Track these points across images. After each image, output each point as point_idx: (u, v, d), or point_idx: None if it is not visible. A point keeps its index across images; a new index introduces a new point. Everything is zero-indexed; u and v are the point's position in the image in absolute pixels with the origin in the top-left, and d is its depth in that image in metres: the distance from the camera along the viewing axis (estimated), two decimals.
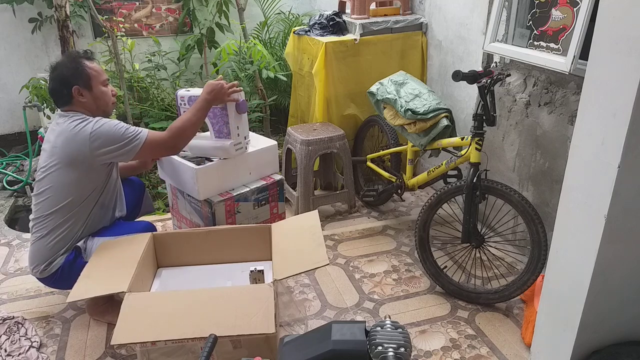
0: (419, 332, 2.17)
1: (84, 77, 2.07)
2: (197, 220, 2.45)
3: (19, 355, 2.03)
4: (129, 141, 2.02)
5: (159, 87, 3.90)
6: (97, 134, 1.99)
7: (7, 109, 4.22)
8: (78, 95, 2.08)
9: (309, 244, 2.02)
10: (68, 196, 2.06)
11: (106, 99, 2.15)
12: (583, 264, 1.52)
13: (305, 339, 1.02)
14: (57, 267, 2.10)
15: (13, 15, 3.95)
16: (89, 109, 2.11)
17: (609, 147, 1.37)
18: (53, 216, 2.07)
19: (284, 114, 4.11)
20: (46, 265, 2.09)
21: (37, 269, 2.11)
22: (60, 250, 2.10)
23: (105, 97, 2.15)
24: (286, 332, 2.16)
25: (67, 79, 2.06)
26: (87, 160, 2.02)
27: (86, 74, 2.08)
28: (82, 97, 2.08)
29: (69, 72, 2.07)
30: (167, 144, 2.10)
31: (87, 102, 2.10)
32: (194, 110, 2.16)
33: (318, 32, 3.21)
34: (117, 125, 2.03)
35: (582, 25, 1.98)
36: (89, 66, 2.10)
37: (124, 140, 2.02)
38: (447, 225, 2.71)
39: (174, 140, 2.11)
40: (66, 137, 2.02)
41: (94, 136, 1.99)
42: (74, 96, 2.07)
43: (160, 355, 1.76)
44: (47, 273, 2.11)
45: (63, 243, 2.10)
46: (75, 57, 2.12)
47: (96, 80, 2.10)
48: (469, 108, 2.88)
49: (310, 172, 2.98)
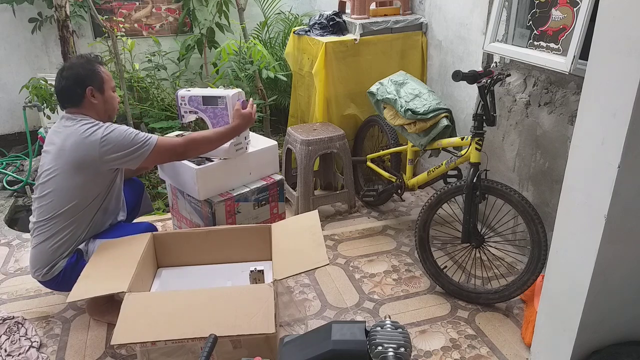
0: (419, 332, 2.17)
1: (98, 79, 2.10)
2: (197, 220, 2.46)
3: (19, 355, 2.03)
4: (139, 147, 2.03)
5: (159, 87, 3.90)
6: (108, 139, 2.00)
7: (7, 109, 4.22)
8: (91, 96, 2.08)
9: (309, 244, 2.02)
10: (72, 200, 2.05)
11: (114, 104, 2.20)
12: (583, 264, 1.52)
13: (305, 339, 1.02)
14: (59, 270, 2.09)
15: (13, 15, 3.95)
16: (98, 111, 2.12)
17: (609, 147, 1.37)
18: (56, 220, 2.07)
19: (284, 114, 4.11)
20: (48, 269, 2.09)
21: (39, 272, 2.11)
22: (62, 254, 2.10)
23: (114, 102, 2.19)
24: (286, 332, 2.16)
25: (82, 78, 2.07)
26: (95, 165, 2.02)
27: (101, 77, 2.11)
28: (94, 98, 2.09)
29: (85, 72, 2.08)
30: (177, 150, 2.11)
31: (97, 104, 2.11)
32: (221, 133, 2.22)
33: (318, 32, 3.21)
34: (128, 131, 2.04)
35: (582, 25, 1.98)
36: (101, 70, 2.14)
37: (134, 145, 2.02)
38: (447, 225, 2.71)
39: (186, 148, 2.13)
40: (75, 141, 2.01)
41: (105, 141, 1.99)
42: (86, 97, 2.07)
43: (160, 355, 1.76)
44: (49, 276, 2.10)
45: (65, 247, 2.10)
46: (92, 59, 2.16)
47: (108, 85, 2.14)
48: (469, 108, 2.88)
49: (310, 172, 2.98)
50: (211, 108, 2.33)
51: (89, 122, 2.05)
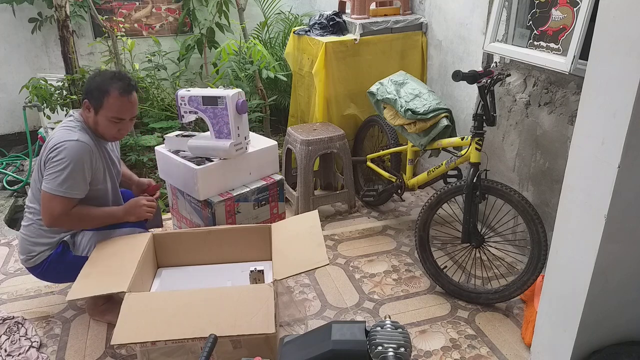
0: (419, 332, 2.17)
1: (97, 100, 2.03)
2: (197, 220, 2.45)
3: (19, 355, 2.03)
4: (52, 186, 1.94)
5: (159, 87, 3.90)
6: (54, 158, 1.95)
7: (7, 109, 4.22)
8: (85, 108, 2.07)
9: (309, 244, 2.02)
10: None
11: (104, 131, 2.07)
12: (583, 264, 1.52)
13: (305, 339, 1.02)
14: (42, 259, 2.09)
15: (13, 15, 3.95)
16: (90, 124, 2.09)
17: (609, 147, 1.37)
18: (34, 207, 2.07)
19: (284, 114, 4.11)
20: (28, 257, 2.09)
21: (21, 258, 2.13)
22: (41, 244, 2.08)
23: (105, 129, 2.07)
24: (286, 332, 2.16)
25: (88, 89, 2.06)
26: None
27: (101, 100, 2.02)
28: (87, 111, 2.07)
29: (92, 86, 2.04)
30: (51, 217, 1.97)
31: (89, 118, 2.08)
32: (103, 217, 2.10)
33: (318, 32, 3.21)
34: (69, 169, 1.93)
35: (582, 25, 1.98)
36: (113, 96, 2.01)
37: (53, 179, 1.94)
38: (447, 225, 2.71)
39: (59, 221, 1.99)
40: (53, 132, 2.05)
41: (51, 155, 1.96)
42: (83, 105, 2.08)
43: (160, 355, 1.76)
44: (31, 264, 2.11)
45: (45, 239, 2.08)
46: (110, 79, 2.04)
47: (106, 111, 2.02)
48: (469, 108, 2.88)
49: (310, 172, 2.98)
50: (211, 108, 2.33)
51: (69, 127, 2.03)
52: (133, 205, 2.16)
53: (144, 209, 2.17)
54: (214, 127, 2.36)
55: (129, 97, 2.04)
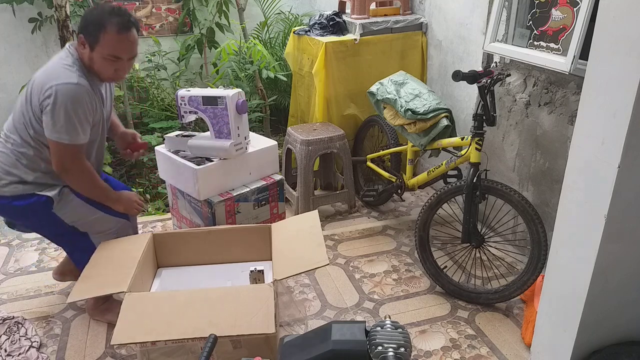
0: (419, 332, 2.17)
1: (93, 35, 1.88)
2: (197, 220, 2.46)
3: (19, 355, 2.03)
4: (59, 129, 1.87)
5: (159, 87, 3.90)
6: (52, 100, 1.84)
7: (7, 109, 4.21)
8: (80, 43, 1.93)
9: (309, 244, 2.02)
10: (29, 130, 1.94)
11: (100, 69, 1.95)
12: (583, 264, 1.52)
13: (305, 339, 1.02)
14: (9, 193, 1.98)
15: (13, 15, 3.95)
16: (85, 61, 1.95)
17: (609, 147, 1.37)
18: (15, 136, 1.97)
19: (284, 114, 4.11)
20: None
21: None
22: (12, 175, 1.98)
23: (100, 68, 1.94)
24: (286, 332, 2.16)
25: (84, 23, 1.91)
26: (35, 108, 1.90)
27: (97, 36, 1.87)
28: (82, 47, 1.93)
29: (89, 20, 1.89)
30: (65, 163, 1.93)
31: (84, 55, 1.94)
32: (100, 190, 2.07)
33: (318, 32, 3.21)
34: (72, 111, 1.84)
35: (582, 25, 1.98)
36: (110, 31, 1.86)
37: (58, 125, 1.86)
38: (447, 225, 2.71)
39: (67, 171, 1.95)
40: (44, 68, 1.92)
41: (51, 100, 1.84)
42: (79, 40, 1.94)
43: (160, 355, 1.76)
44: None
45: (18, 171, 1.97)
46: (108, 13, 1.88)
47: (102, 48, 1.89)
48: (469, 108, 2.88)
49: (310, 172, 2.98)
50: (211, 108, 2.33)
51: (67, 64, 1.90)
52: (126, 198, 2.17)
53: (134, 205, 2.19)
54: (214, 127, 2.36)
55: (127, 34, 1.90)
